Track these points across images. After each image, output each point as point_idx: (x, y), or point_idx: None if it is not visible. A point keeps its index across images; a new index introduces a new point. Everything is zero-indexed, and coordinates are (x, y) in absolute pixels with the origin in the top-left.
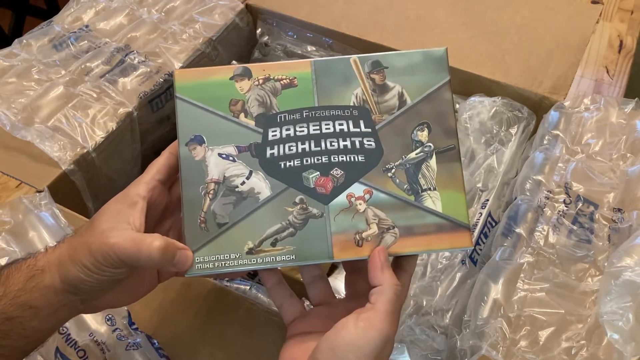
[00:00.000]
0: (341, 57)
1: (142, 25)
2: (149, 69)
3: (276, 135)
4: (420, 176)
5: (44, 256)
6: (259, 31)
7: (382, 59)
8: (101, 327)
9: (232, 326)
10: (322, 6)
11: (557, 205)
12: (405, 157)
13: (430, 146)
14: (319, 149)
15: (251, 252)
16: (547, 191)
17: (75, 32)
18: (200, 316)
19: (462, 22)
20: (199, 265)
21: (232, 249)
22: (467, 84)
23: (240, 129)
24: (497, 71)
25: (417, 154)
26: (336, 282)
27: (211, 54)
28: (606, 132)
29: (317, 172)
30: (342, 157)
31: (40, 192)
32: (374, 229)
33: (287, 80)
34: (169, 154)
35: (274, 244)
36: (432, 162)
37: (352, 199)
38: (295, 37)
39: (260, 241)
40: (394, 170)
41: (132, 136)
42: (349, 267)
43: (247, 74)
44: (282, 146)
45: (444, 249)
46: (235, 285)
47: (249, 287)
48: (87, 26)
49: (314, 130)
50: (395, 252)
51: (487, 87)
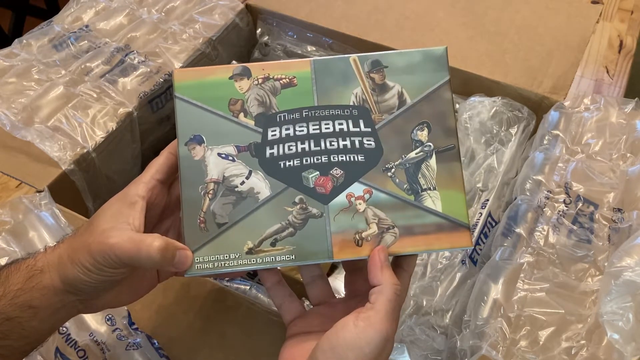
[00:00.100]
0: (341, 56)
1: (142, 25)
2: (149, 69)
3: (276, 134)
4: (420, 176)
5: (43, 256)
6: (259, 31)
7: (382, 58)
8: (101, 327)
9: (232, 326)
10: (322, 6)
11: (557, 205)
12: (405, 156)
13: (430, 146)
14: (318, 148)
15: (251, 252)
16: (547, 191)
17: (75, 32)
18: (200, 316)
19: (462, 22)
20: (199, 265)
21: (232, 249)
22: (467, 84)
23: (239, 129)
24: (497, 71)
25: (417, 154)
26: (336, 282)
27: (211, 54)
28: (606, 132)
29: (317, 172)
30: (341, 156)
31: (40, 192)
32: (373, 229)
33: (287, 79)
34: (168, 154)
35: (273, 244)
36: (432, 161)
37: (352, 199)
38: (295, 37)
39: (259, 241)
40: (393, 169)
41: (132, 136)
42: (349, 267)
43: (246, 73)
44: (281, 146)
45: (444, 248)
46: (235, 285)
47: (249, 287)
48: (87, 26)
49: (314, 129)
50: (395, 251)
51: (487, 87)
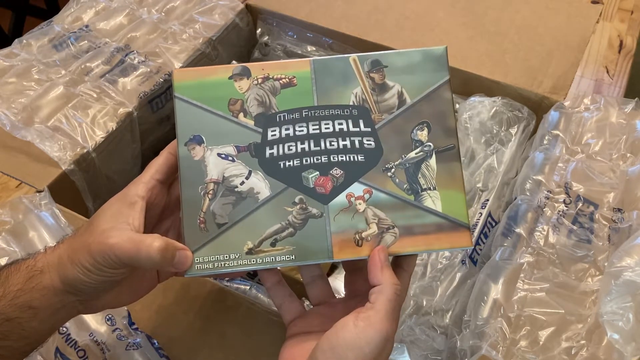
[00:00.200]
0: (340, 56)
1: (142, 25)
2: (149, 69)
3: (275, 134)
4: (420, 176)
5: (43, 257)
6: (259, 31)
7: (382, 57)
8: (101, 327)
9: (232, 326)
10: (322, 6)
11: (557, 205)
12: (405, 156)
13: (430, 145)
14: (318, 148)
15: (251, 252)
16: (547, 191)
17: (75, 32)
18: (200, 316)
19: (462, 22)
20: (199, 265)
21: (232, 249)
22: (467, 84)
23: (239, 129)
24: (497, 71)
25: (416, 154)
26: (336, 282)
27: (211, 54)
28: (606, 132)
29: (317, 172)
30: (341, 156)
31: (40, 192)
32: (373, 229)
33: (287, 79)
34: (168, 154)
35: (273, 244)
36: (432, 161)
37: (352, 199)
38: (295, 37)
39: (259, 241)
40: (393, 169)
41: (132, 136)
42: (349, 267)
43: (246, 73)
44: (281, 146)
45: (444, 248)
46: (235, 285)
47: (249, 287)
48: (87, 26)
49: (314, 129)
50: (395, 251)
51: (487, 87)
